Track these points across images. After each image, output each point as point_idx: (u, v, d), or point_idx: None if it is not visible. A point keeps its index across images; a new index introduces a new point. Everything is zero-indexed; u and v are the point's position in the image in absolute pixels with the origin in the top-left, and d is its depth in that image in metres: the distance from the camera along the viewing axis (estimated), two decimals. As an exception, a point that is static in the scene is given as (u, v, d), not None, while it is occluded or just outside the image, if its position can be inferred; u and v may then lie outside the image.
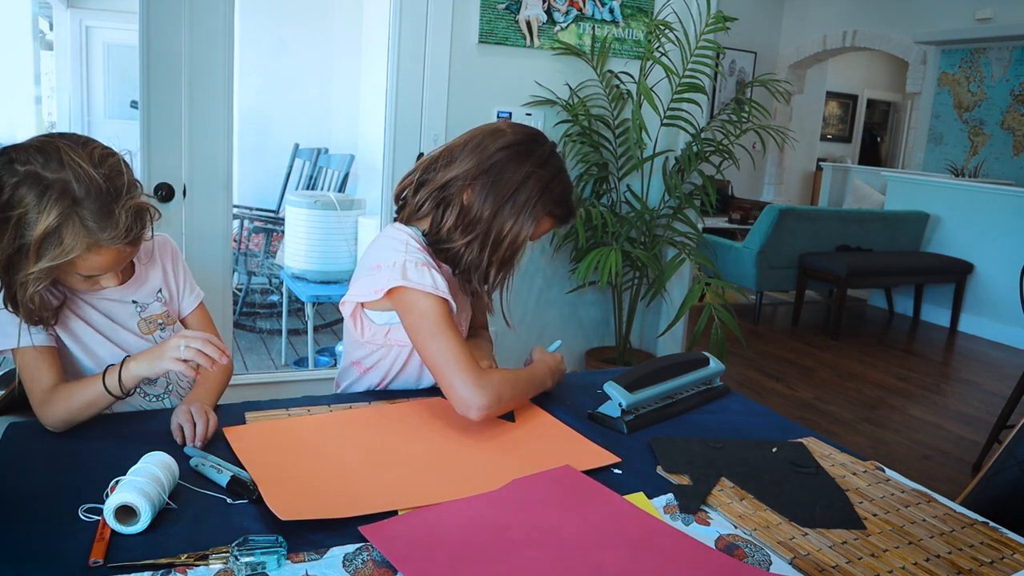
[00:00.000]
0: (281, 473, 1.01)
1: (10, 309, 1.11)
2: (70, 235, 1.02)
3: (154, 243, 1.30)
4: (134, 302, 1.27)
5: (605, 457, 1.11)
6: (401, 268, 1.23)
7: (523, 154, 1.27)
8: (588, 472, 1.06)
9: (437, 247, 1.30)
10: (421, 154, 2.60)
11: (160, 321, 1.30)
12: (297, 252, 3.56)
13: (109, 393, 1.11)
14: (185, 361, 1.07)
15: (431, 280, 1.23)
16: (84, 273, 1.11)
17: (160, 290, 1.31)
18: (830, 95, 8.92)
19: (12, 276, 1.06)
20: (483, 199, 1.26)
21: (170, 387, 1.30)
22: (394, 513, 0.93)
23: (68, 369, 1.21)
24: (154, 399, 1.28)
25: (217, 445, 1.08)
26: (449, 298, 1.24)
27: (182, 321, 1.35)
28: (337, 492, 0.97)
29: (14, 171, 1.03)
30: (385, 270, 1.24)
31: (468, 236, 1.27)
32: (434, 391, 1.35)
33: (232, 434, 1.12)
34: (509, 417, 1.24)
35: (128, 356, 1.13)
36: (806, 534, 0.93)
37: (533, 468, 1.04)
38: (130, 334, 1.25)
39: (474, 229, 1.26)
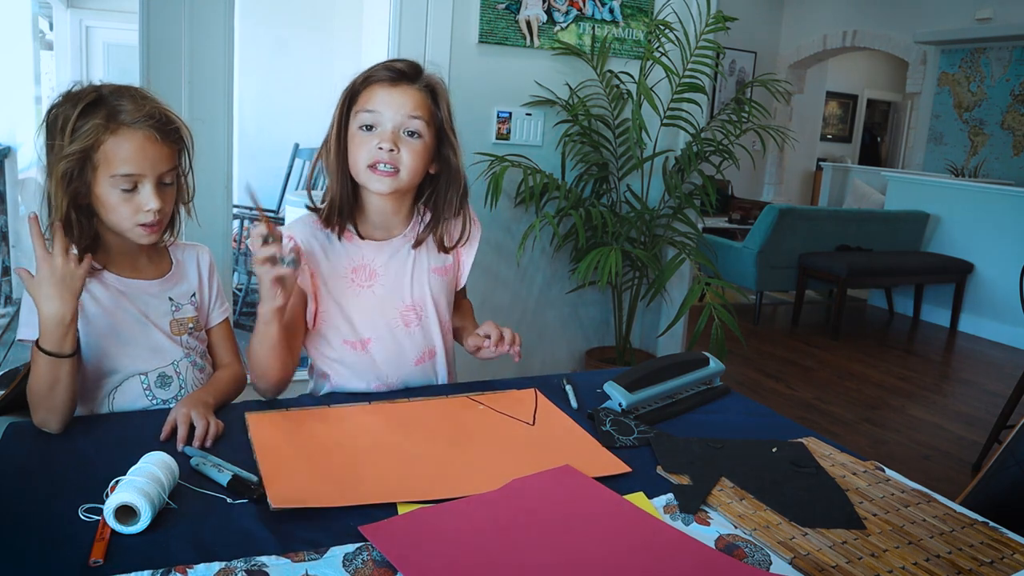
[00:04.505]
0: (287, 462, 1.02)
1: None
2: (95, 116, 1.13)
3: (196, 250, 1.36)
4: (170, 299, 1.29)
5: (615, 465, 1.08)
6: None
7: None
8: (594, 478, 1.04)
9: (334, 212, 1.35)
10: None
11: (191, 325, 1.31)
12: (297, 252, 3.55)
13: (42, 351, 1.06)
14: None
15: (300, 226, 1.34)
16: (116, 170, 1.13)
17: (193, 294, 1.33)
18: (830, 95, 8.92)
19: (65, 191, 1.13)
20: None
21: (183, 391, 1.27)
22: (393, 509, 0.93)
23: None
24: (161, 403, 1.25)
25: (218, 443, 1.08)
26: (297, 243, 1.29)
27: (207, 332, 1.37)
28: (335, 483, 0.98)
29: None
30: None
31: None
32: (430, 391, 1.35)
33: (252, 419, 1.15)
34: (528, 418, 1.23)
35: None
36: (806, 534, 0.93)
37: (537, 469, 1.04)
38: (162, 334, 1.26)
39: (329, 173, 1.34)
